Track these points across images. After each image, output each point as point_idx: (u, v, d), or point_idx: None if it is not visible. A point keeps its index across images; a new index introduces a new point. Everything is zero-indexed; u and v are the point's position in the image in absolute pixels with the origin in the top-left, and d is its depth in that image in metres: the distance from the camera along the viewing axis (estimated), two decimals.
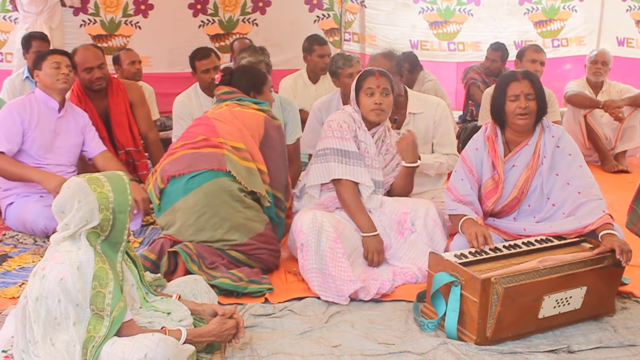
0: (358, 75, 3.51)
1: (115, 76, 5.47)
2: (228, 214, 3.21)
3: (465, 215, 3.13)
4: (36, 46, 5.38)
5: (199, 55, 4.83)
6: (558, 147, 3.14)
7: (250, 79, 3.68)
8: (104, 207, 2.24)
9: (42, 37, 5.61)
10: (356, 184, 3.40)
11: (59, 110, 4.01)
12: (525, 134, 3.17)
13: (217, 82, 3.72)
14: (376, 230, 3.33)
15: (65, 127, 4.05)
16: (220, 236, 3.21)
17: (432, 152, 3.97)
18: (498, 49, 6.47)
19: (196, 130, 3.43)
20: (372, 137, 3.49)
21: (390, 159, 3.57)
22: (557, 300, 2.66)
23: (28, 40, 5.50)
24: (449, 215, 3.29)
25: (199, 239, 3.20)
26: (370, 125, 3.48)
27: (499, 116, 3.17)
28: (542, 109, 3.13)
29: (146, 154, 4.71)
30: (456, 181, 3.26)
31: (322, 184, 3.49)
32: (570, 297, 2.69)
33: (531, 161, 3.14)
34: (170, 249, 3.15)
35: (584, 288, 2.70)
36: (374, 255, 3.31)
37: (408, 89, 4.02)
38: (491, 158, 3.20)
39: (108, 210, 2.25)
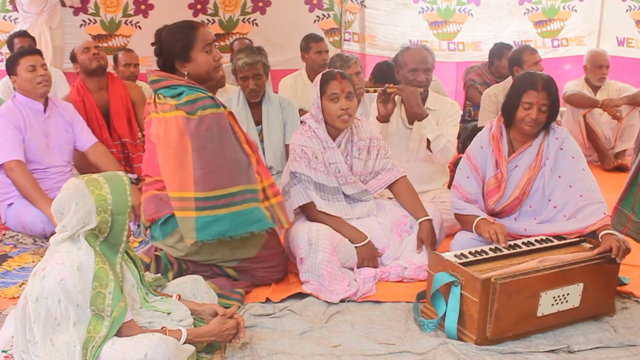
0: (319, 80, 3.35)
1: None
2: (209, 250, 3.01)
3: (477, 217, 3.14)
4: (18, 43, 5.43)
5: None
6: (561, 149, 3.14)
7: (172, 45, 2.97)
8: (101, 210, 2.23)
9: (23, 34, 5.65)
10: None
11: (44, 111, 4.00)
12: (529, 137, 3.18)
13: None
14: (367, 238, 3.31)
15: (54, 127, 4.04)
16: (211, 262, 3.11)
17: None
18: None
19: (150, 165, 3.11)
20: (339, 147, 3.36)
21: (375, 155, 3.46)
22: (554, 297, 2.66)
23: (11, 41, 5.56)
24: (455, 214, 3.29)
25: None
26: (337, 131, 3.37)
27: (508, 115, 3.17)
28: (550, 120, 3.14)
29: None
30: (462, 179, 3.27)
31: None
32: (568, 294, 2.69)
33: (534, 162, 3.15)
34: (156, 253, 3.14)
35: (581, 285, 2.71)
36: (369, 262, 3.31)
37: (429, 89, 4.02)
38: (495, 157, 3.20)
39: (106, 213, 2.24)
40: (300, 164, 3.32)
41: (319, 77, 3.39)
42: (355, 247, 3.30)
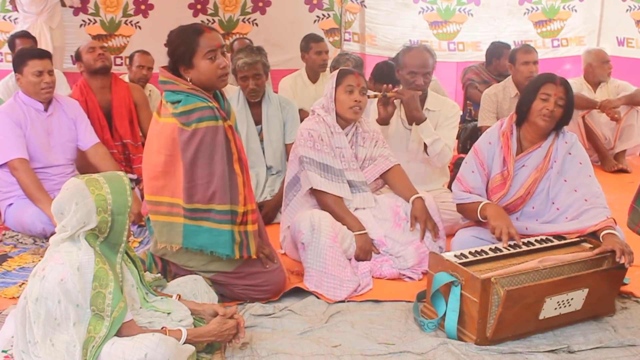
0: (337, 73, 3.51)
1: (126, 76, 5.55)
2: (186, 256, 2.95)
3: (481, 202, 3.15)
4: (19, 44, 5.43)
5: None
6: (570, 154, 3.15)
7: (176, 49, 2.86)
8: (101, 210, 2.23)
9: (24, 35, 5.65)
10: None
11: (46, 110, 3.99)
12: (540, 136, 3.18)
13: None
14: (364, 229, 3.35)
15: (57, 125, 4.02)
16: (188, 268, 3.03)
17: None
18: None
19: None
20: (346, 136, 3.49)
21: (374, 145, 3.56)
22: (558, 302, 2.66)
23: (12, 41, 5.55)
24: (457, 205, 3.30)
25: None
26: (345, 123, 3.50)
27: (523, 111, 3.17)
28: (565, 119, 3.14)
29: None
30: (467, 173, 3.27)
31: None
32: (572, 298, 2.69)
33: (541, 164, 3.15)
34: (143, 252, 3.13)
35: (586, 290, 2.70)
36: (365, 255, 3.33)
37: (428, 89, 4.02)
38: (503, 154, 3.21)
39: (106, 213, 2.23)
40: (304, 147, 3.41)
41: (336, 71, 3.54)
42: (355, 234, 3.32)
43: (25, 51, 4.14)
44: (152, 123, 3.02)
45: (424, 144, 3.80)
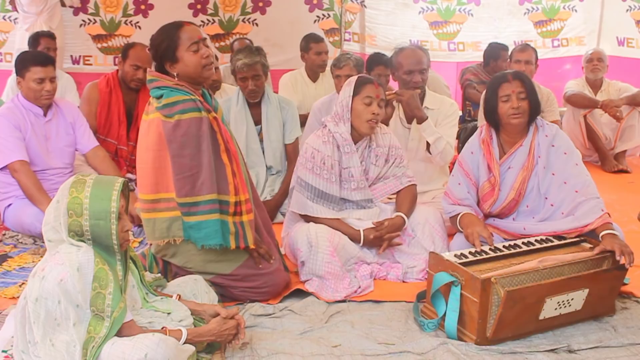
0: (355, 81, 3.37)
1: None
2: (184, 256, 2.96)
3: (460, 213, 3.15)
4: (44, 44, 5.44)
5: None
6: (553, 146, 3.15)
7: (158, 46, 2.90)
8: (73, 212, 2.20)
9: (49, 35, 5.66)
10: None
11: (45, 115, 3.98)
12: (519, 135, 3.18)
13: None
14: (360, 232, 3.30)
15: (55, 130, 4.01)
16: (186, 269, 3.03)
17: None
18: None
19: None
20: (357, 150, 3.36)
21: (388, 164, 3.48)
22: (558, 302, 2.66)
23: (36, 39, 5.55)
24: (449, 218, 3.30)
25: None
26: (359, 136, 3.38)
27: (493, 118, 3.18)
28: (534, 108, 3.14)
29: None
30: (453, 186, 3.28)
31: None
32: (572, 299, 2.69)
33: (526, 162, 3.15)
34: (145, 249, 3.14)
35: (586, 290, 2.70)
36: (381, 245, 3.29)
37: (426, 88, 4.01)
38: (486, 161, 3.21)
39: (79, 216, 2.19)
40: (304, 169, 3.34)
41: (354, 78, 3.41)
42: (361, 246, 3.30)
43: (29, 56, 4.08)
44: (141, 123, 3.05)
45: (427, 142, 3.79)
